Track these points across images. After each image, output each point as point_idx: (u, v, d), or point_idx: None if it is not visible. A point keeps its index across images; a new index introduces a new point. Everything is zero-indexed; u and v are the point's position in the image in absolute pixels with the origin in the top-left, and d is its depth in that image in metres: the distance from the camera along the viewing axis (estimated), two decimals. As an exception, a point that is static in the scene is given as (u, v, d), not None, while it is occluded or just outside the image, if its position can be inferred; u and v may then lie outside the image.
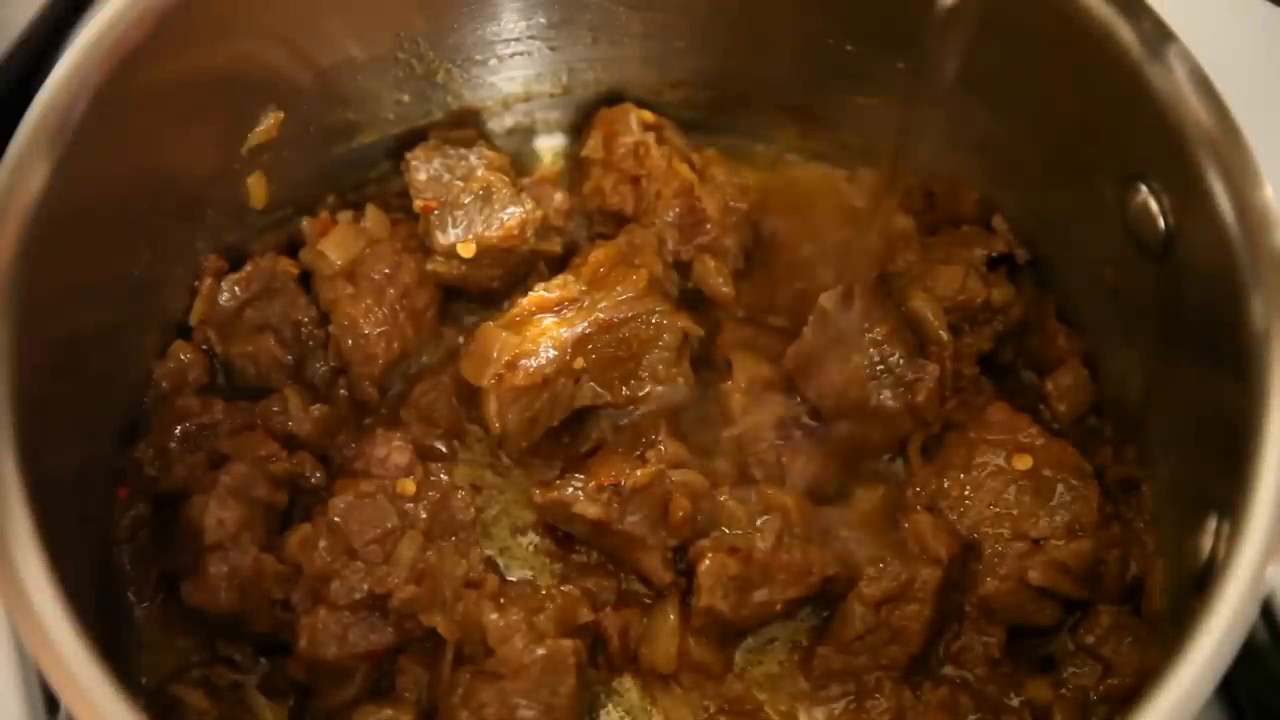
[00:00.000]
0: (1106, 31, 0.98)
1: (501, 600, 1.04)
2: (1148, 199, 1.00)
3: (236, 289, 1.16)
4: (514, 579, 1.11)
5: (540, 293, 1.16)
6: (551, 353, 1.12)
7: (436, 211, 1.19)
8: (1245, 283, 0.90)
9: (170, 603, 1.06)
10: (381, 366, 1.17)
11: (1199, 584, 0.88)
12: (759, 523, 1.07)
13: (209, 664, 1.04)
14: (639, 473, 1.09)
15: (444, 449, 1.16)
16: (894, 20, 1.09)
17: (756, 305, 1.22)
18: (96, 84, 0.96)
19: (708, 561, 1.05)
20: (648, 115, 1.25)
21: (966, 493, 1.09)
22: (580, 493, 1.09)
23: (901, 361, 1.12)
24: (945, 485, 1.10)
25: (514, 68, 1.27)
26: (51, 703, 1.01)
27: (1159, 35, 0.97)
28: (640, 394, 1.16)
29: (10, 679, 1.01)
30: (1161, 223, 0.99)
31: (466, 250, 1.18)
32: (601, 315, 1.14)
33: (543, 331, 1.13)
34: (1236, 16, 1.30)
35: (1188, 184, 0.95)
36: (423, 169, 1.21)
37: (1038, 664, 1.08)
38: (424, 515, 1.07)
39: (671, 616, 1.08)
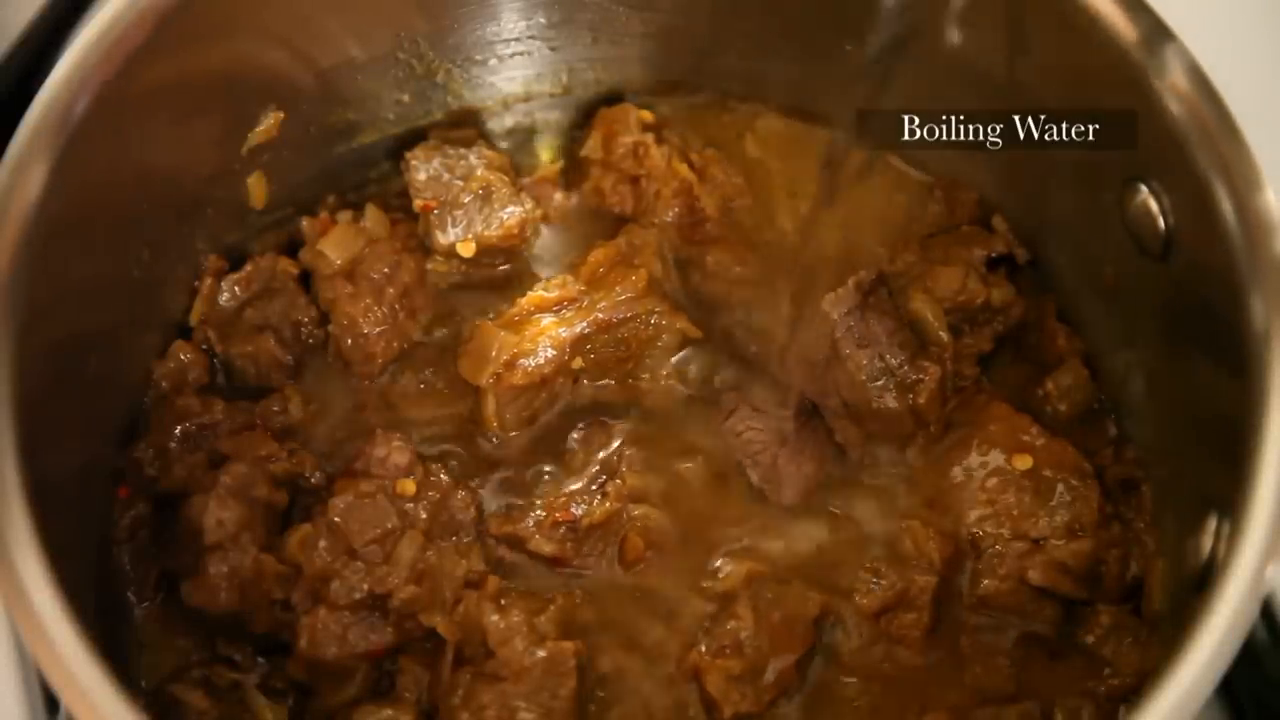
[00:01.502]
0: (1107, 32, 0.98)
1: (502, 601, 1.03)
2: (1148, 199, 1.00)
3: (236, 289, 1.16)
4: (514, 579, 1.10)
5: (539, 292, 1.16)
6: (550, 352, 1.12)
7: (436, 211, 1.19)
8: (1245, 283, 0.90)
9: (170, 603, 1.06)
10: (380, 366, 1.17)
11: (1199, 584, 0.88)
12: (737, 608, 1.04)
13: (209, 664, 1.04)
14: (596, 509, 1.08)
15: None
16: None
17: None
18: (96, 84, 0.96)
19: (710, 674, 1.02)
20: (647, 115, 1.25)
21: (967, 493, 1.09)
22: (536, 529, 1.08)
23: (902, 363, 1.12)
24: (945, 485, 1.10)
25: (514, 68, 1.27)
26: (51, 703, 1.01)
27: (1159, 35, 0.97)
28: (638, 394, 1.16)
29: (10, 679, 1.01)
30: (1161, 223, 0.99)
31: (466, 250, 1.18)
32: (601, 315, 1.14)
33: (541, 331, 1.13)
34: (1238, 17, 1.30)
35: (1188, 187, 0.95)
36: (422, 169, 1.21)
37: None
38: (424, 515, 1.06)
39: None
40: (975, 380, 1.16)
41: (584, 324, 1.13)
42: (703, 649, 1.03)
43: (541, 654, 1.00)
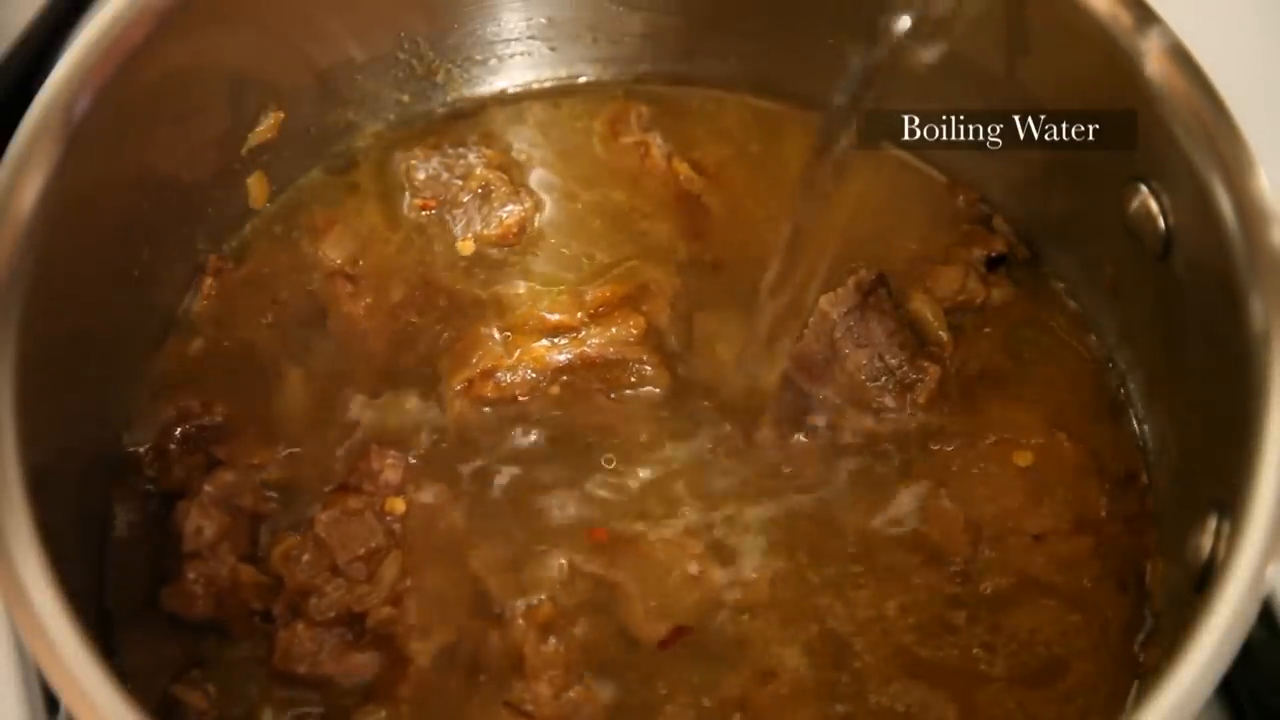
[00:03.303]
0: (1106, 30, 0.98)
1: (550, 636, 1.01)
2: (1148, 199, 1.00)
3: (237, 288, 1.16)
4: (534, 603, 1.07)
5: (543, 312, 1.15)
6: (530, 374, 1.11)
7: (435, 210, 1.19)
8: (1245, 282, 0.90)
9: (169, 603, 1.06)
10: (380, 365, 1.17)
11: (1199, 584, 0.88)
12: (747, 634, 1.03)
13: (204, 664, 1.04)
14: None
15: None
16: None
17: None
18: (96, 84, 0.96)
19: (762, 703, 1.00)
20: (648, 113, 1.25)
21: (967, 490, 1.09)
22: None
23: (902, 363, 1.12)
24: (946, 483, 1.10)
25: (514, 68, 1.27)
26: (51, 703, 1.01)
27: (1157, 33, 0.97)
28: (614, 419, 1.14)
29: (10, 679, 1.01)
30: (1161, 223, 0.99)
31: (465, 249, 1.19)
32: (589, 351, 1.12)
33: (530, 352, 1.12)
34: (1237, 16, 1.30)
35: (1187, 185, 0.94)
36: (421, 168, 1.21)
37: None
38: (412, 535, 1.05)
39: None
40: (976, 378, 1.16)
41: (570, 354, 1.12)
42: (740, 692, 1.01)
43: (571, 695, 0.98)
